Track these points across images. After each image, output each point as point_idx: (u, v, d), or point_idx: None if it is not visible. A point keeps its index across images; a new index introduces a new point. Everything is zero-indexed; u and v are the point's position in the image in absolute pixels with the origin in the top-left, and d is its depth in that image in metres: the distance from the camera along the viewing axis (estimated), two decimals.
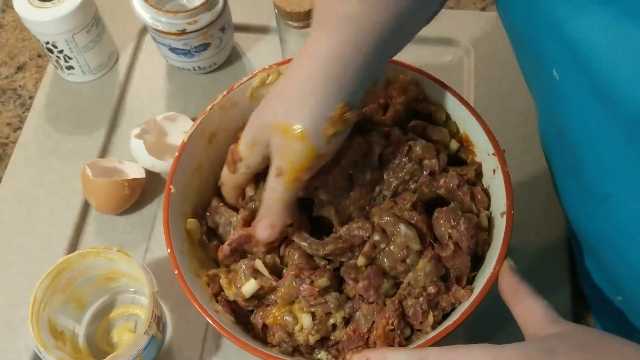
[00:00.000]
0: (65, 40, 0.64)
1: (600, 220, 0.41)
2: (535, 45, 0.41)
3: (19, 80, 0.72)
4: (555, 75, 0.38)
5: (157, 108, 0.68)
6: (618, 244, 0.40)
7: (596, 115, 0.36)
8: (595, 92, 0.35)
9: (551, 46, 0.38)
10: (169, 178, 0.48)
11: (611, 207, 0.39)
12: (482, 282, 0.43)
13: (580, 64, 0.35)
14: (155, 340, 0.53)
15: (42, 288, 0.51)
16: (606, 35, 0.33)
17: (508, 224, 0.45)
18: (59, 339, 0.52)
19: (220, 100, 0.51)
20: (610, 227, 0.40)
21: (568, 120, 0.40)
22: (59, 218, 0.62)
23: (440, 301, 0.44)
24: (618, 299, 0.46)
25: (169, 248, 0.46)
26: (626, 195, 0.37)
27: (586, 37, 0.34)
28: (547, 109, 0.44)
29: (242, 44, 0.72)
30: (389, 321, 0.43)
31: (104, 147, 0.66)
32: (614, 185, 0.38)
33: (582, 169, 0.41)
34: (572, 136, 0.40)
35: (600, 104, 0.35)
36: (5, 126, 0.69)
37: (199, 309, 0.44)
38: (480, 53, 0.70)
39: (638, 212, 0.37)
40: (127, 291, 0.58)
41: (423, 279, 0.43)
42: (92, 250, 0.52)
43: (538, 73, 0.42)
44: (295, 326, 0.44)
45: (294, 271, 0.44)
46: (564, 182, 0.46)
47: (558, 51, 0.37)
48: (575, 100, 0.37)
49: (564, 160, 0.45)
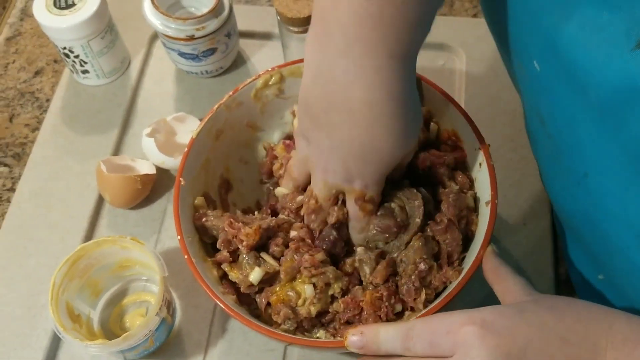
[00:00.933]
0: (81, 45, 0.68)
1: (580, 200, 0.44)
2: (517, 41, 0.43)
3: (37, 84, 0.76)
4: (537, 66, 0.40)
5: (167, 109, 0.72)
6: (597, 220, 0.43)
7: (573, 102, 0.38)
8: (572, 79, 0.37)
9: (532, 40, 0.40)
10: (179, 171, 0.52)
11: (589, 185, 0.41)
12: (468, 264, 0.47)
13: (559, 53, 0.37)
14: (166, 323, 0.56)
15: (61, 274, 0.55)
16: (584, 25, 0.35)
17: (492, 212, 0.48)
18: (75, 322, 0.56)
19: (227, 99, 0.55)
20: (590, 205, 0.43)
21: (549, 109, 0.42)
22: (74, 212, 0.66)
23: (433, 280, 0.48)
24: (599, 277, 0.49)
25: (179, 235, 0.50)
26: (601, 173, 0.40)
27: (566, 28, 0.36)
28: (530, 100, 0.46)
29: (247, 49, 0.76)
30: (379, 292, 0.47)
31: (116, 146, 0.70)
32: (590, 165, 0.40)
33: (562, 153, 0.43)
34: (553, 123, 0.43)
35: (576, 92, 0.37)
36: (24, 127, 0.73)
37: (207, 290, 0.48)
38: (472, 57, 0.73)
39: (612, 188, 0.39)
40: (139, 279, 0.62)
41: (413, 255, 0.47)
42: (108, 239, 0.56)
43: (520, 67, 0.45)
44: (298, 300, 0.48)
45: (295, 245, 0.48)
46: (548, 169, 0.49)
47: (539, 44, 0.39)
48: (555, 89, 0.40)
49: (546, 148, 0.47)
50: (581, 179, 0.42)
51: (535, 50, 0.41)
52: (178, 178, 0.52)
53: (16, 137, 0.72)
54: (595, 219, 0.43)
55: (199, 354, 0.58)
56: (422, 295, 0.47)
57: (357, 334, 0.42)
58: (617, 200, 0.40)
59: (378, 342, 0.41)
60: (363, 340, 0.41)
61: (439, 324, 0.38)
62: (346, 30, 0.39)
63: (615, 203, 0.40)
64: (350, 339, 0.42)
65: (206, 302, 0.60)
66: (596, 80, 0.35)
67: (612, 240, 0.43)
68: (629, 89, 0.34)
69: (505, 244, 0.62)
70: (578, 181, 0.42)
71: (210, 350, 0.58)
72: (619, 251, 0.43)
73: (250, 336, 0.59)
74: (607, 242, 0.44)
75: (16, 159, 0.71)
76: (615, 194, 0.39)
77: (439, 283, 0.48)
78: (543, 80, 0.41)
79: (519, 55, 0.44)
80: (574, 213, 0.48)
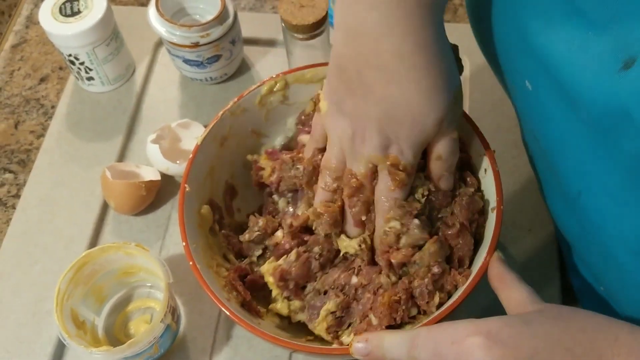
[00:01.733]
0: (86, 52, 0.69)
1: (577, 217, 0.44)
2: (508, 61, 0.43)
3: (42, 91, 0.76)
4: (528, 85, 0.41)
5: (171, 116, 0.72)
6: (593, 237, 0.43)
7: (565, 121, 0.39)
8: (563, 98, 0.38)
9: (523, 60, 0.40)
10: (183, 177, 0.52)
11: (583, 203, 0.41)
12: (474, 271, 0.47)
13: (550, 73, 0.38)
14: (170, 330, 0.56)
15: (66, 280, 0.55)
16: (572, 45, 0.36)
17: (498, 218, 0.48)
18: (80, 329, 0.56)
19: (231, 106, 0.56)
20: (586, 222, 0.43)
21: (541, 127, 0.43)
22: (79, 219, 0.66)
23: (445, 284, 0.47)
24: (601, 289, 0.49)
25: (184, 241, 0.50)
26: (594, 191, 0.40)
27: (555, 48, 0.37)
28: (524, 117, 0.47)
29: (251, 56, 0.76)
30: (397, 294, 0.46)
31: (121, 152, 0.70)
32: (584, 183, 0.40)
33: (556, 171, 0.43)
34: (546, 141, 0.43)
35: (568, 109, 0.38)
36: (29, 134, 0.73)
37: (212, 296, 0.48)
38: (475, 63, 0.73)
39: (606, 205, 0.39)
40: (144, 286, 0.62)
41: (428, 258, 0.47)
42: (112, 245, 0.56)
43: (513, 86, 0.45)
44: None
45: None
46: (546, 183, 0.50)
47: (530, 64, 0.40)
48: (547, 108, 0.40)
49: (542, 164, 0.48)
50: (576, 197, 0.42)
51: (526, 70, 0.41)
52: (183, 184, 0.52)
53: (21, 143, 0.73)
54: (590, 234, 0.43)
55: None
56: (435, 298, 0.47)
57: (362, 341, 0.42)
58: (612, 217, 0.40)
59: (383, 350, 0.41)
60: (368, 348, 0.42)
61: (444, 334, 0.38)
62: None
63: (610, 220, 0.40)
64: (355, 346, 0.42)
65: (211, 309, 0.60)
66: (586, 99, 0.36)
67: (608, 257, 0.43)
68: (618, 109, 0.34)
69: (511, 251, 0.62)
70: (573, 199, 0.43)
71: (215, 357, 0.58)
72: (615, 267, 0.43)
73: (254, 343, 0.58)
74: (603, 258, 0.44)
75: (21, 165, 0.71)
76: (610, 211, 0.40)
77: (451, 287, 0.48)
78: (535, 99, 0.41)
79: (511, 75, 0.45)
80: (571, 228, 0.48)
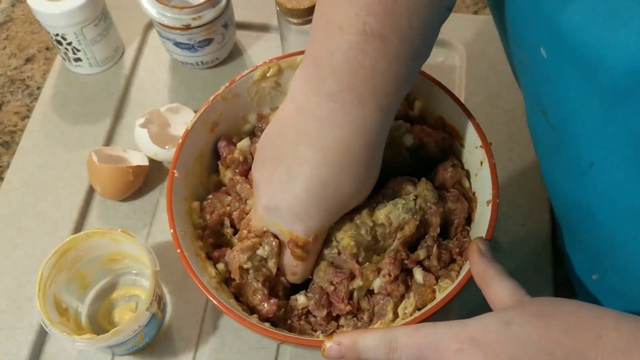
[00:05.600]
0: (74, 32, 0.67)
1: (584, 192, 0.43)
2: (522, 27, 0.42)
3: (28, 72, 0.74)
4: (543, 53, 0.40)
5: (161, 100, 0.71)
6: (601, 214, 0.42)
7: (580, 89, 0.38)
8: (581, 65, 0.37)
9: (538, 26, 0.39)
10: (172, 163, 0.51)
11: (595, 175, 0.40)
12: (465, 270, 0.46)
13: (567, 39, 0.36)
14: (156, 318, 0.55)
15: (49, 266, 0.53)
16: (595, 8, 0.34)
17: (493, 212, 0.47)
18: (63, 316, 0.55)
19: (223, 91, 0.54)
20: (593, 197, 0.42)
21: (553, 98, 0.42)
22: (64, 203, 0.65)
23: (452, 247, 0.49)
24: (593, 277, 0.48)
25: (171, 228, 0.48)
26: (608, 162, 0.39)
27: (575, 12, 0.35)
28: (532, 91, 0.46)
29: (244, 41, 0.75)
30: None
31: (108, 136, 0.69)
32: (597, 154, 0.39)
33: (565, 144, 0.42)
34: (556, 113, 0.42)
35: (585, 77, 0.37)
36: (13, 115, 0.71)
37: (199, 284, 0.46)
38: (472, 55, 0.73)
39: (619, 178, 0.38)
40: (129, 273, 0.60)
41: (423, 201, 0.48)
42: (98, 231, 0.55)
43: (525, 56, 0.44)
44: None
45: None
46: (549, 162, 0.48)
47: (545, 30, 0.39)
48: (561, 77, 0.39)
49: (548, 141, 0.46)
50: (586, 169, 0.41)
51: (541, 37, 0.40)
52: (172, 170, 0.51)
53: (5, 125, 0.71)
54: (597, 211, 0.42)
55: (189, 350, 0.57)
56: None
57: (334, 344, 0.40)
58: (623, 190, 0.39)
59: (357, 352, 0.40)
60: (341, 351, 0.40)
61: (425, 339, 0.37)
62: (339, 78, 0.41)
63: (621, 193, 0.39)
64: (327, 350, 0.41)
65: (198, 298, 0.59)
66: (608, 64, 0.35)
67: (614, 234, 0.42)
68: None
69: (504, 244, 0.61)
70: (582, 172, 0.41)
71: (201, 348, 0.57)
72: (620, 245, 0.42)
73: (242, 334, 0.57)
74: (607, 237, 0.43)
75: (5, 147, 0.69)
76: (621, 184, 0.39)
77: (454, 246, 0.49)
78: (549, 67, 0.40)
79: (524, 42, 0.43)
80: (575, 207, 0.47)
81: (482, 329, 0.37)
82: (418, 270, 0.48)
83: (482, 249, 0.44)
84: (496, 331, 0.36)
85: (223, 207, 0.53)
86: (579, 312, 0.36)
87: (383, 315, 0.48)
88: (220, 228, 0.53)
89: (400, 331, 0.39)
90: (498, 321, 0.37)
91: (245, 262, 0.48)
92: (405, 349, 0.38)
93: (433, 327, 0.38)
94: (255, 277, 0.48)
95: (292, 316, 0.49)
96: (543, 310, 0.37)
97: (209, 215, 0.52)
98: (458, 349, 0.36)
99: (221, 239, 0.53)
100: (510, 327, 0.36)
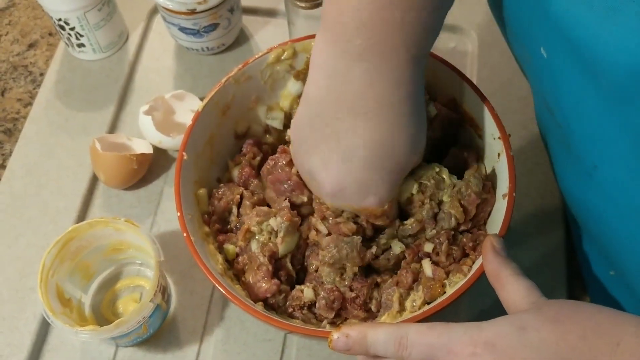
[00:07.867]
0: (77, 17, 0.65)
1: (591, 193, 0.42)
2: (522, 27, 0.42)
3: (30, 58, 0.73)
4: (544, 53, 0.39)
5: (165, 87, 0.69)
6: (608, 215, 0.41)
7: (582, 89, 0.37)
8: (580, 65, 0.36)
9: (538, 25, 0.39)
10: (182, 145, 0.49)
11: (599, 177, 0.40)
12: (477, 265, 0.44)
13: (567, 38, 0.36)
14: (160, 309, 0.54)
15: (51, 256, 0.52)
16: (593, 7, 0.34)
17: (509, 205, 0.46)
18: (66, 306, 0.54)
19: (236, 72, 0.52)
20: (600, 199, 0.41)
21: (557, 97, 0.41)
22: (67, 191, 0.64)
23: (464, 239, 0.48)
24: (610, 273, 0.47)
25: (178, 212, 0.47)
26: (612, 165, 0.38)
27: (573, 10, 0.35)
28: (539, 90, 0.45)
29: (250, 26, 0.73)
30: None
31: (112, 123, 0.67)
32: (601, 156, 0.39)
33: (571, 144, 0.42)
34: (561, 113, 0.41)
35: (586, 77, 0.36)
36: (16, 102, 0.70)
37: (205, 271, 0.45)
38: (484, 40, 0.71)
39: (623, 181, 0.38)
40: (133, 263, 0.59)
41: (466, 186, 0.47)
42: (101, 220, 0.54)
43: (527, 54, 0.43)
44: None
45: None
46: (558, 160, 0.48)
47: (545, 29, 0.38)
48: (562, 76, 0.38)
49: (556, 138, 0.46)
50: (591, 171, 0.40)
51: (541, 36, 0.39)
52: (181, 152, 0.49)
53: (8, 112, 0.70)
54: (605, 212, 0.42)
55: (194, 342, 0.56)
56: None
57: (342, 335, 0.39)
58: (628, 192, 0.38)
59: (365, 346, 0.39)
60: (349, 343, 0.39)
61: (438, 339, 0.36)
62: (367, 34, 0.40)
63: (626, 195, 0.38)
64: (334, 342, 0.39)
65: (203, 289, 0.58)
66: (608, 63, 0.34)
67: (621, 235, 0.41)
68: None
69: (516, 237, 0.59)
70: (588, 173, 0.41)
71: (206, 339, 0.56)
72: (628, 246, 0.41)
73: (248, 325, 0.56)
74: (616, 237, 0.42)
75: (7, 134, 0.68)
76: (626, 186, 0.38)
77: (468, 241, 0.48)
78: (550, 67, 0.40)
79: (525, 42, 0.43)
80: (584, 206, 0.46)
81: (497, 333, 0.35)
82: (427, 263, 0.47)
83: (497, 246, 0.42)
84: (511, 336, 0.35)
85: (232, 194, 0.52)
86: (600, 317, 0.35)
87: (389, 306, 0.47)
88: (228, 215, 0.52)
89: (412, 328, 0.37)
90: (513, 326, 0.36)
91: (254, 225, 0.47)
92: (417, 347, 0.37)
93: (446, 327, 0.37)
94: (262, 251, 0.47)
95: (294, 306, 0.48)
96: (559, 315, 0.35)
97: (217, 201, 0.52)
98: (472, 353, 0.35)
99: (227, 226, 0.52)
100: (526, 332, 0.35)
